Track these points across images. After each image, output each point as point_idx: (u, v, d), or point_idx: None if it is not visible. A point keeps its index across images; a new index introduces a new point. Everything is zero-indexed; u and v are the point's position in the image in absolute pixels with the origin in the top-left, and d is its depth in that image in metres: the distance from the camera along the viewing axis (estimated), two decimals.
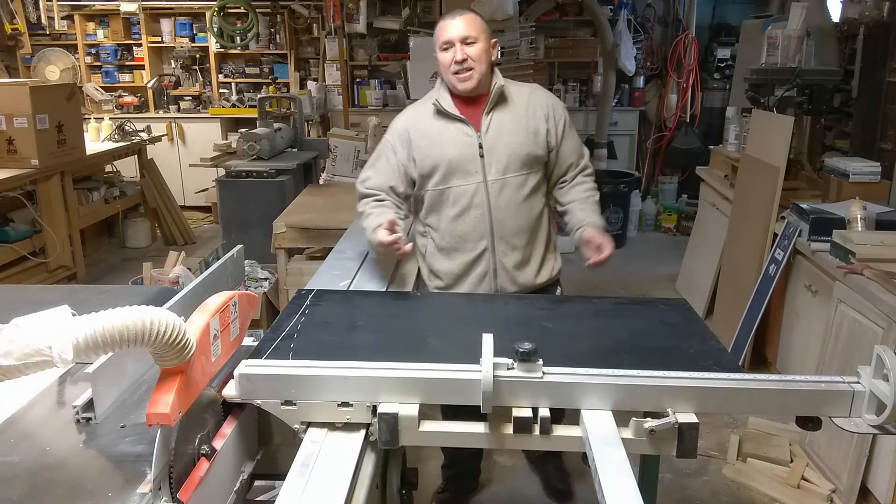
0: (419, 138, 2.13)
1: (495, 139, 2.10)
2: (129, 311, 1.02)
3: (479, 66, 2.06)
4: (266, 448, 1.46)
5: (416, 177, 2.15)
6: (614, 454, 1.20)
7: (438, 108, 2.12)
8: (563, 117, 2.21)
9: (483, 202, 2.10)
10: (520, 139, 2.11)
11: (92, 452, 1.20)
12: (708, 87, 6.39)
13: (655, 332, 1.66)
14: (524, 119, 2.13)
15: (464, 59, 2.04)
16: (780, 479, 2.71)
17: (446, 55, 2.06)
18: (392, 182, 2.16)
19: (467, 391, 1.29)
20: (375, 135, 5.28)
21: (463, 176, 2.10)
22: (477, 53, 2.05)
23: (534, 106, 2.16)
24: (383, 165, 2.18)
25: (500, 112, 2.12)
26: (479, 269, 2.16)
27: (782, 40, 3.57)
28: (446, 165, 2.10)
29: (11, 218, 4.36)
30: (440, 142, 2.11)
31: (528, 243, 2.17)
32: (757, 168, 3.57)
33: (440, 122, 2.13)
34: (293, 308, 1.72)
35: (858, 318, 2.54)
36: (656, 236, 6.35)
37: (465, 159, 2.09)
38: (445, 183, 2.12)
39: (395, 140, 2.17)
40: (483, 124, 2.11)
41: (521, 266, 2.18)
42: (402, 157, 2.15)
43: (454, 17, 2.07)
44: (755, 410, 2.02)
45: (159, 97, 7.12)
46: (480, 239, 2.13)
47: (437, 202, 2.16)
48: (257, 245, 3.70)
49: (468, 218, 2.12)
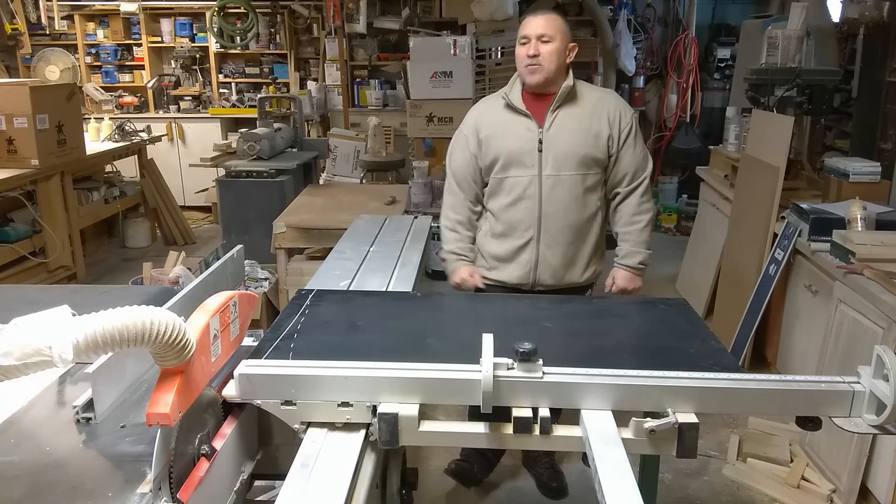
0: (486, 129, 2.28)
1: (555, 136, 2.20)
2: (129, 311, 1.02)
3: (549, 63, 2.17)
4: (266, 448, 1.46)
5: (482, 165, 2.29)
6: (614, 454, 1.20)
7: (507, 101, 2.25)
8: (630, 126, 2.28)
9: (535, 194, 2.22)
10: (579, 139, 2.20)
11: (92, 452, 1.20)
12: (708, 87, 6.40)
13: (655, 332, 1.66)
14: (588, 120, 2.22)
15: (535, 55, 2.16)
16: (780, 479, 2.70)
17: (522, 49, 2.19)
18: (471, 169, 2.31)
19: (467, 391, 1.29)
20: (375, 135, 5.29)
21: (520, 168, 2.22)
22: (549, 51, 2.17)
23: (601, 109, 2.25)
24: (459, 157, 2.35)
25: (565, 111, 2.23)
26: (524, 258, 2.27)
27: (782, 40, 3.57)
28: (506, 156, 2.23)
29: (11, 218, 4.36)
30: (504, 133, 2.24)
31: (574, 241, 2.26)
32: (757, 168, 3.57)
33: (507, 115, 2.26)
34: (293, 308, 1.72)
35: (858, 318, 2.54)
36: (656, 236, 6.26)
37: (524, 152, 2.21)
38: (504, 172, 2.25)
39: (468, 131, 2.33)
40: (547, 121, 2.21)
41: (564, 262, 2.27)
42: (473, 147, 2.30)
43: (537, 16, 2.22)
44: (755, 410, 2.02)
45: (159, 97, 7.12)
46: (528, 229, 2.25)
47: (495, 189, 2.29)
48: (257, 245, 3.70)
49: (519, 207, 2.24)
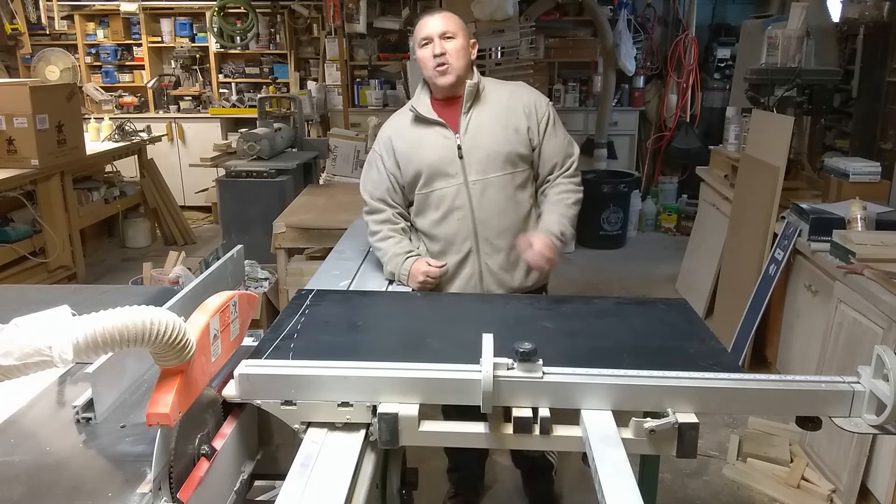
0: (401, 145, 2.15)
1: (474, 139, 2.09)
2: (129, 311, 1.02)
3: (458, 61, 2.05)
4: (266, 448, 1.46)
5: (403, 183, 2.17)
6: (614, 454, 1.20)
7: (416, 114, 2.13)
8: (547, 114, 2.15)
9: (465, 203, 2.09)
10: (499, 137, 2.09)
11: (92, 452, 1.20)
12: (708, 87, 6.39)
13: (655, 332, 1.66)
14: (504, 117, 2.11)
15: (442, 53, 2.03)
16: (780, 479, 2.71)
17: (426, 51, 2.06)
18: (387, 189, 2.18)
19: (467, 391, 1.29)
20: (375, 135, 5.29)
21: (444, 178, 2.10)
22: (455, 48, 2.04)
23: (514, 103, 2.13)
24: (375, 176, 2.21)
25: (478, 112, 2.11)
26: (466, 272, 2.15)
27: (782, 40, 3.57)
28: (427, 169, 2.10)
29: (11, 218, 4.36)
30: (420, 146, 2.12)
31: (514, 245, 2.11)
32: (757, 168, 3.57)
33: (419, 128, 2.14)
34: (293, 308, 1.72)
35: (858, 318, 2.54)
36: (656, 236, 6.35)
37: (445, 161, 2.09)
38: (429, 187, 2.13)
39: (382, 149, 2.20)
40: (461, 125, 2.10)
41: (508, 268, 2.14)
42: (390, 166, 2.17)
43: (433, 15, 2.09)
44: (755, 410, 2.02)
45: (159, 97, 7.12)
46: (464, 241, 2.12)
47: (422, 206, 2.17)
48: (257, 245, 3.69)
49: (451, 220, 2.12)
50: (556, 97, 6.43)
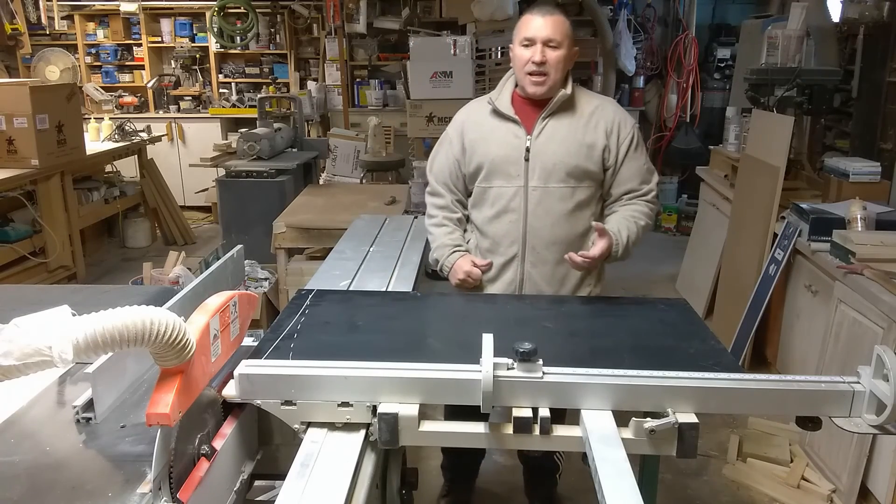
0: (472, 133, 2.10)
1: (544, 145, 2.01)
2: (129, 311, 1.02)
3: (556, 73, 1.97)
4: (266, 448, 1.46)
5: (465, 172, 2.13)
6: (614, 454, 1.20)
7: (493, 107, 2.08)
8: (631, 137, 2.06)
9: (520, 207, 2.03)
10: (570, 149, 2.00)
11: (92, 452, 1.21)
12: (708, 87, 6.40)
13: (655, 332, 1.66)
14: (582, 130, 2.02)
15: (542, 62, 1.94)
16: (780, 479, 2.70)
17: (525, 52, 1.97)
18: (451, 172, 2.15)
19: (467, 391, 1.29)
20: (375, 135, 5.29)
21: (505, 177, 2.04)
22: (557, 59, 1.96)
23: (597, 119, 2.04)
24: (442, 158, 2.18)
25: (557, 119, 2.03)
26: (507, 276, 2.09)
27: (782, 40, 3.57)
28: (490, 164, 2.05)
29: (11, 218, 4.36)
30: (489, 139, 2.07)
31: (563, 260, 2.01)
32: (757, 168, 3.57)
33: (494, 120, 2.08)
34: (293, 308, 1.72)
35: (858, 318, 2.54)
36: (656, 236, 6.34)
37: (510, 161, 2.03)
38: (488, 182, 2.07)
39: (453, 133, 2.15)
40: (536, 128, 2.02)
41: (551, 282, 2.07)
42: (457, 151, 2.13)
43: (543, 15, 1.97)
44: (755, 410, 2.02)
45: (159, 97, 7.12)
46: (512, 244, 2.06)
47: (479, 200, 2.12)
48: (257, 245, 3.70)
49: (503, 220, 2.06)
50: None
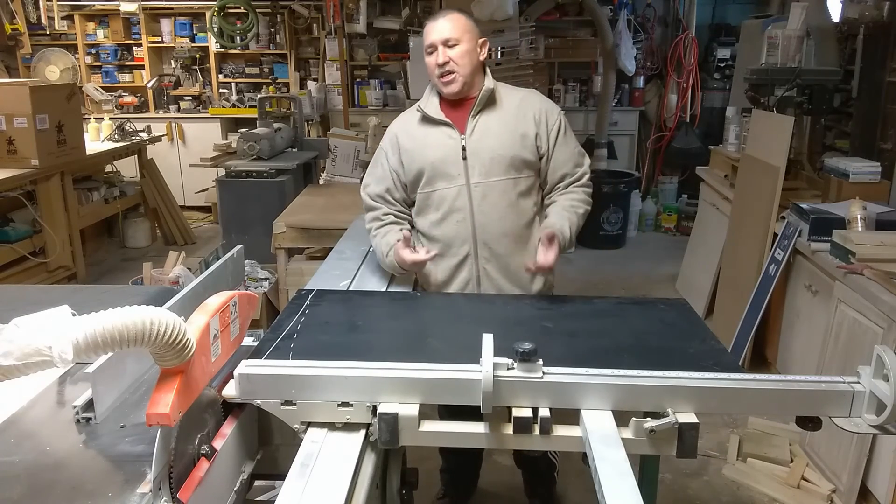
0: (407, 143, 2.13)
1: (479, 142, 2.06)
2: (129, 311, 1.02)
3: (463, 68, 2.01)
4: (266, 448, 1.46)
5: (406, 181, 2.15)
6: (614, 454, 1.20)
7: (423, 114, 2.11)
8: (558, 123, 2.12)
9: (465, 206, 2.07)
10: (505, 141, 2.05)
11: (92, 452, 1.21)
12: (708, 87, 6.39)
13: (655, 332, 1.66)
14: (512, 122, 2.08)
15: (445, 63, 2.00)
16: (780, 479, 2.71)
17: (430, 59, 2.03)
18: (388, 187, 2.16)
19: (467, 391, 1.29)
20: (375, 135, 5.28)
21: (446, 179, 2.07)
22: (459, 56, 2.00)
23: (525, 109, 2.09)
24: (379, 172, 2.19)
25: (487, 115, 2.08)
26: (462, 276, 2.12)
27: (782, 40, 3.57)
28: (430, 169, 2.08)
29: (11, 218, 4.36)
30: (425, 144, 2.10)
31: (515, 252, 2.08)
32: (757, 168, 3.57)
33: (426, 127, 2.12)
34: (293, 308, 1.72)
35: (858, 318, 2.54)
36: (656, 236, 6.35)
37: (448, 162, 2.07)
38: (430, 186, 2.10)
39: (387, 146, 2.18)
40: (468, 127, 2.07)
41: (506, 275, 2.11)
42: (394, 163, 2.15)
43: (436, 20, 2.03)
44: (755, 410, 2.02)
45: (159, 97, 7.12)
46: (462, 244, 2.09)
47: (423, 206, 2.14)
48: (257, 245, 3.69)
49: (450, 222, 2.09)
50: (556, 97, 6.43)
